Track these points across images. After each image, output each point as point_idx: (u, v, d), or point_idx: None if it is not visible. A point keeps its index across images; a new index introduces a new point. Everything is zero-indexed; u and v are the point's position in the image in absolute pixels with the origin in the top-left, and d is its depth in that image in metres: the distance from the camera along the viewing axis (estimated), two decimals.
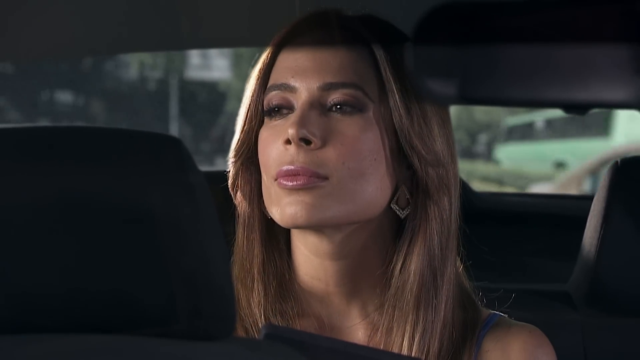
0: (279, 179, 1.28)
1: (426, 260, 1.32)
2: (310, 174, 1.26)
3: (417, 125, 1.30)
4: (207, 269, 0.91)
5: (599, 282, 1.68)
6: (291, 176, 1.27)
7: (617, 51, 0.86)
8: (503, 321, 1.38)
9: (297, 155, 1.27)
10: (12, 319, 0.87)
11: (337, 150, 1.27)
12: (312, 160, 1.27)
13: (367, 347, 1.28)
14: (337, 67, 1.29)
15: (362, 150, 1.28)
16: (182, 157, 0.93)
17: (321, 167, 1.27)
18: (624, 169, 1.67)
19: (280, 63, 1.33)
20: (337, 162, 1.27)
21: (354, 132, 1.28)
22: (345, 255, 1.33)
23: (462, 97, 0.90)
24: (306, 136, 1.26)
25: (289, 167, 1.27)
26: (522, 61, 0.88)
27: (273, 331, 1.02)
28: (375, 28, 1.34)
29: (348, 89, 1.29)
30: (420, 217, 1.32)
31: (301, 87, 1.29)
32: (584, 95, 0.87)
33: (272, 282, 1.36)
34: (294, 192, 1.27)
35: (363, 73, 1.30)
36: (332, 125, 1.28)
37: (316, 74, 1.29)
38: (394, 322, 1.32)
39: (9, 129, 0.91)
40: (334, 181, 1.27)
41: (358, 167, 1.28)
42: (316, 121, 1.28)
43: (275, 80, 1.32)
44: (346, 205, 1.28)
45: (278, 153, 1.29)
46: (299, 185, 1.26)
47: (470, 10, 0.89)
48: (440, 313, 1.31)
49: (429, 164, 1.30)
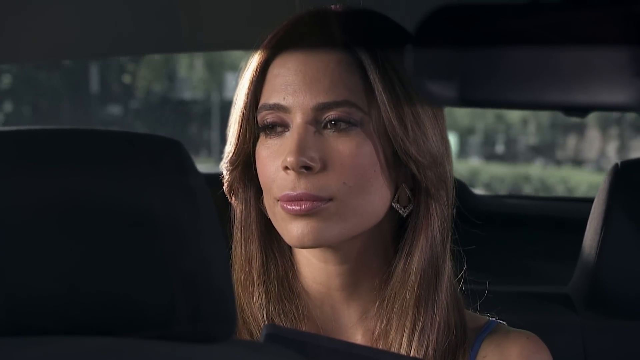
0: (281, 202, 1.29)
1: (428, 258, 1.32)
2: (313, 198, 1.27)
3: (411, 131, 1.30)
4: (207, 271, 0.91)
5: (599, 284, 1.68)
6: (294, 202, 1.27)
7: (617, 53, 0.86)
8: (501, 327, 1.38)
9: (298, 182, 1.27)
10: (12, 321, 0.87)
11: (337, 171, 1.28)
12: (314, 185, 1.27)
13: (369, 348, 1.28)
14: (328, 84, 1.29)
15: (361, 165, 1.28)
16: (182, 159, 0.93)
17: (323, 190, 1.27)
18: (624, 172, 1.67)
19: (271, 80, 1.32)
20: (339, 183, 1.27)
21: (351, 150, 1.28)
22: (348, 259, 1.33)
23: (462, 99, 0.90)
24: (306, 163, 1.27)
25: (291, 193, 1.27)
26: (522, 63, 0.88)
27: (275, 331, 1.02)
28: (360, 26, 1.34)
29: (342, 107, 1.28)
30: (423, 215, 1.32)
31: (294, 107, 1.29)
32: (584, 98, 0.87)
33: (274, 282, 1.35)
34: (298, 217, 1.27)
35: (352, 85, 1.29)
36: (329, 145, 1.28)
37: (308, 93, 1.29)
38: (394, 320, 1.32)
39: (9, 132, 0.91)
40: (337, 201, 1.28)
41: (359, 183, 1.28)
42: (314, 144, 1.28)
43: (267, 99, 1.31)
44: (351, 221, 1.29)
45: (279, 178, 1.29)
46: (303, 210, 1.27)
47: (470, 12, 0.89)
48: (439, 310, 1.32)
49: (426, 167, 1.30)
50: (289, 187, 1.28)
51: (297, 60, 1.30)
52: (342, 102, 1.29)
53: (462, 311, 1.36)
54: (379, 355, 1.08)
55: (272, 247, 1.37)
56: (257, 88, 1.32)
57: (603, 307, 1.70)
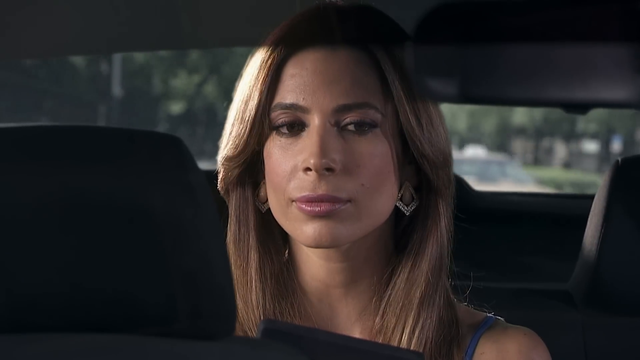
0: (298, 202, 1.28)
1: (438, 257, 1.32)
2: (334, 200, 1.27)
3: (427, 132, 1.30)
4: (207, 268, 0.91)
5: (600, 281, 1.68)
6: (313, 202, 1.27)
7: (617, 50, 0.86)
8: (499, 323, 1.38)
9: (318, 183, 1.26)
10: (12, 318, 0.87)
11: (356, 173, 1.27)
12: (335, 187, 1.27)
13: (366, 341, 1.28)
14: (349, 86, 1.28)
15: (378, 167, 1.29)
16: (183, 156, 0.92)
17: (343, 192, 1.27)
18: (625, 168, 1.67)
19: (286, 79, 1.30)
20: (357, 185, 1.27)
21: (370, 151, 1.28)
22: (350, 256, 1.33)
23: (462, 96, 0.90)
24: (329, 165, 1.26)
25: (311, 194, 1.27)
26: (522, 60, 0.88)
27: (271, 326, 1.02)
28: (372, 23, 1.34)
29: (362, 108, 1.28)
30: (432, 214, 1.33)
31: (314, 108, 1.28)
32: (585, 95, 0.87)
33: (270, 280, 1.35)
34: (315, 218, 1.27)
35: (370, 86, 1.29)
36: (349, 147, 1.28)
37: (328, 94, 1.28)
38: (395, 317, 1.32)
39: (8, 128, 0.91)
40: (354, 203, 1.28)
41: (375, 184, 1.28)
42: (335, 146, 1.27)
43: (282, 98, 1.30)
44: (365, 221, 1.29)
45: (297, 178, 1.28)
46: (323, 212, 1.26)
47: (471, 9, 0.89)
48: (439, 308, 1.32)
49: (439, 167, 1.31)
50: (309, 188, 1.27)
51: (315, 59, 1.29)
52: (362, 104, 1.28)
53: (454, 307, 1.36)
54: (376, 348, 1.07)
55: (269, 244, 1.36)
56: (271, 87, 1.30)
57: (603, 304, 1.70)
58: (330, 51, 1.30)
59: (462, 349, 1.35)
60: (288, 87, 1.30)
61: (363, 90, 1.29)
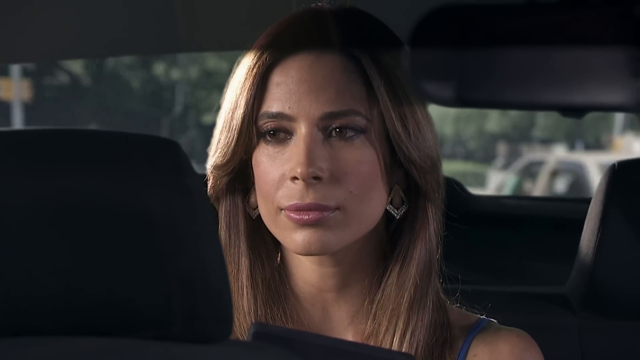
0: (286, 211, 1.28)
1: (426, 260, 1.32)
2: (322, 208, 1.26)
3: (414, 137, 1.30)
4: (203, 271, 0.91)
5: (597, 284, 1.68)
6: (302, 211, 1.27)
7: (614, 54, 0.86)
8: (491, 325, 1.38)
9: (306, 192, 1.26)
10: (8, 321, 0.87)
11: (344, 180, 1.27)
12: (322, 195, 1.27)
13: (358, 343, 1.28)
14: (334, 93, 1.28)
15: (366, 173, 1.29)
16: (179, 159, 0.92)
17: (331, 200, 1.27)
18: (622, 172, 1.67)
19: (272, 88, 1.30)
20: (345, 192, 1.27)
21: (357, 158, 1.28)
22: (343, 261, 1.33)
23: (459, 100, 0.90)
24: (316, 174, 1.26)
25: (299, 203, 1.27)
26: (519, 64, 0.88)
27: (262, 330, 1.01)
28: (358, 28, 1.34)
29: (347, 116, 1.28)
30: (420, 218, 1.33)
31: (300, 117, 1.28)
32: (582, 98, 0.87)
33: (262, 286, 1.35)
34: (305, 226, 1.27)
35: (356, 93, 1.29)
36: (336, 154, 1.28)
37: (314, 102, 1.28)
38: (386, 321, 1.32)
39: (6, 132, 0.91)
40: (343, 210, 1.28)
41: (363, 191, 1.28)
42: (322, 154, 1.27)
43: (268, 107, 1.30)
44: (354, 228, 1.29)
45: (284, 187, 1.28)
46: (311, 220, 1.26)
47: (467, 12, 0.89)
48: (430, 311, 1.32)
49: (426, 171, 1.31)
50: (297, 197, 1.27)
51: (300, 67, 1.29)
52: (348, 111, 1.28)
53: (446, 309, 1.36)
54: (367, 351, 1.07)
55: (260, 249, 1.36)
56: (257, 95, 1.30)
57: (600, 307, 1.70)
58: (315, 58, 1.30)
59: (454, 351, 1.35)
60: (274, 96, 1.29)
61: (348, 97, 1.28)
